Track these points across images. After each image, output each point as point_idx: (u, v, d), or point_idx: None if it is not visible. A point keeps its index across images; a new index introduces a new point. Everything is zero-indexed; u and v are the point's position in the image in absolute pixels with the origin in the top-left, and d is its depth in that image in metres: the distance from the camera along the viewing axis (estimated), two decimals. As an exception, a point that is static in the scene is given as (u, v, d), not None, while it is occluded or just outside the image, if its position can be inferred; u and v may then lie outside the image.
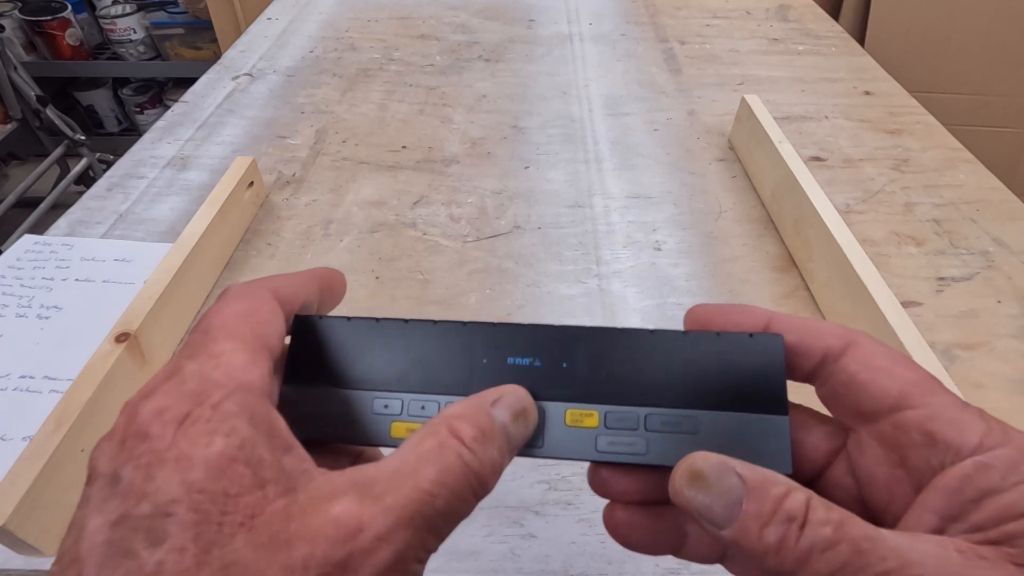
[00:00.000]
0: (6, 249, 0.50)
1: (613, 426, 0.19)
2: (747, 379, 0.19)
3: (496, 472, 0.17)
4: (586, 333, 0.20)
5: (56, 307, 0.44)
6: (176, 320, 0.42)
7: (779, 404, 0.18)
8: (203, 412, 0.15)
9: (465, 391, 0.19)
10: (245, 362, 0.17)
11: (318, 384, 0.20)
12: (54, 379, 0.39)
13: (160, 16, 1.81)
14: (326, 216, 0.54)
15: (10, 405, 0.38)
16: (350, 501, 0.14)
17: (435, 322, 0.20)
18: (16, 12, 1.76)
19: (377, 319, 0.21)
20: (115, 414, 0.16)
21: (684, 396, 0.19)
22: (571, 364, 0.20)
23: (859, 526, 0.14)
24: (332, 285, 0.22)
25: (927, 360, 0.34)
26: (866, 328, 0.39)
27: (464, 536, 0.33)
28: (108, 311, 0.42)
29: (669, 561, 0.32)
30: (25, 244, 0.50)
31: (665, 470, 0.18)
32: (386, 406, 0.20)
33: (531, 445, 0.19)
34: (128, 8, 1.82)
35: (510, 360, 0.20)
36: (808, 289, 0.47)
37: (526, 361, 0.20)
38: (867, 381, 0.17)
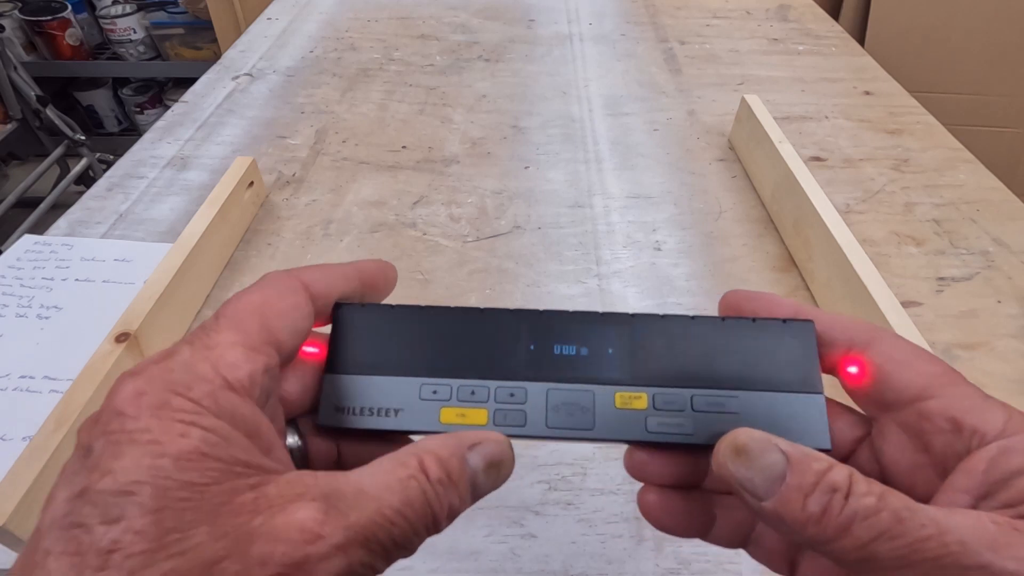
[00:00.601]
0: (6, 249, 0.50)
1: (662, 408, 0.19)
2: (783, 361, 0.20)
3: (451, 517, 0.17)
4: (630, 319, 0.20)
5: (56, 307, 0.44)
6: (176, 320, 0.42)
7: (814, 383, 0.19)
8: (182, 403, 0.15)
9: (515, 376, 0.20)
10: (238, 358, 0.17)
11: (362, 372, 0.20)
12: (54, 379, 0.39)
13: (160, 16, 1.81)
14: (326, 216, 0.54)
15: (10, 405, 0.38)
16: (316, 509, 0.14)
17: (481, 309, 0.21)
18: (16, 12, 1.76)
19: (421, 307, 0.21)
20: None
21: (726, 378, 0.20)
22: (617, 349, 0.20)
23: (899, 498, 0.15)
24: (376, 280, 0.22)
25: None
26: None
27: (464, 536, 0.33)
28: (108, 311, 0.42)
29: (669, 561, 0.32)
30: (25, 244, 0.50)
31: (701, 451, 0.19)
32: (435, 392, 0.20)
33: (583, 428, 0.19)
34: (128, 8, 1.81)
35: (557, 346, 0.20)
36: (808, 289, 0.47)
37: (572, 347, 0.20)
38: (891, 372, 0.18)
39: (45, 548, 0.13)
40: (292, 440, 0.20)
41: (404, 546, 0.16)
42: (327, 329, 0.21)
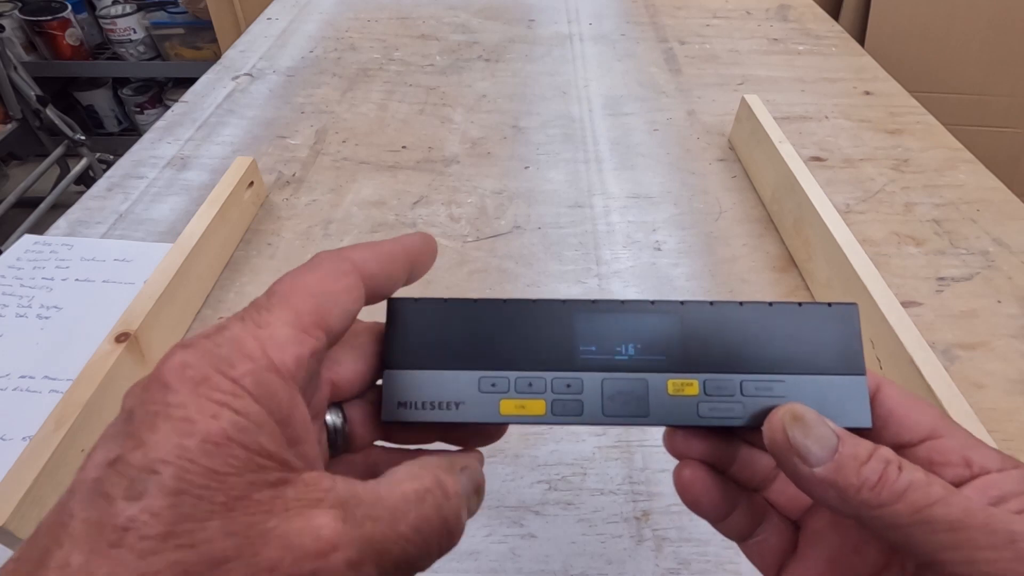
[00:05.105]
0: (6, 249, 0.50)
1: (713, 393, 0.20)
2: (828, 344, 0.20)
3: (460, 532, 0.17)
4: (680, 307, 0.21)
5: (56, 307, 0.44)
6: (176, 320, 0.42)
7: (857, 365, 0.20)
8: (221, 382, 0.15)
9: (570, 367, 0.20)
10: (287, 338, 0.16)
11: (420, 367, 0.20)
12: (54, 379, 0.39)
13: (160, 16, 1.81)
14: (326, 216, 0.54)
15: (10, 405, 0.38)
16: (332, 517, 0.14)
17: (534, 300, 0.21)
18: (16, 12, 1.75)
19: (474, 299, 0.21)
20: (115, 415, 0.16)
21: (774, 362, 0.20)
22: (669, 336, 0.20)
23: (939, 478, 0.17)
24: (423, 256, 0.22)
25: (927, 360, 0.34)
26: (866, 328, 0.39)
27: (464, 536, 0.33)
28: (108, 311, 0.42)
29: (669, 561, 0.32)
30: (25, 244, 0.50)
31: (746, 431, 0.20)
32: (493, 384, 0.20)
33: (638, 416, 0.20)
34: (128, 8, 1.81)
35: (609, 336, 0.21)
36: (808, 289, 0.47)
37: (625, 335, 0.21)
38: (904, 415, 0.19)
39: (71, 509, 0.13)
40: (334, 418, 0.20)
41: (413, 567, 0.16)
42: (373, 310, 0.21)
